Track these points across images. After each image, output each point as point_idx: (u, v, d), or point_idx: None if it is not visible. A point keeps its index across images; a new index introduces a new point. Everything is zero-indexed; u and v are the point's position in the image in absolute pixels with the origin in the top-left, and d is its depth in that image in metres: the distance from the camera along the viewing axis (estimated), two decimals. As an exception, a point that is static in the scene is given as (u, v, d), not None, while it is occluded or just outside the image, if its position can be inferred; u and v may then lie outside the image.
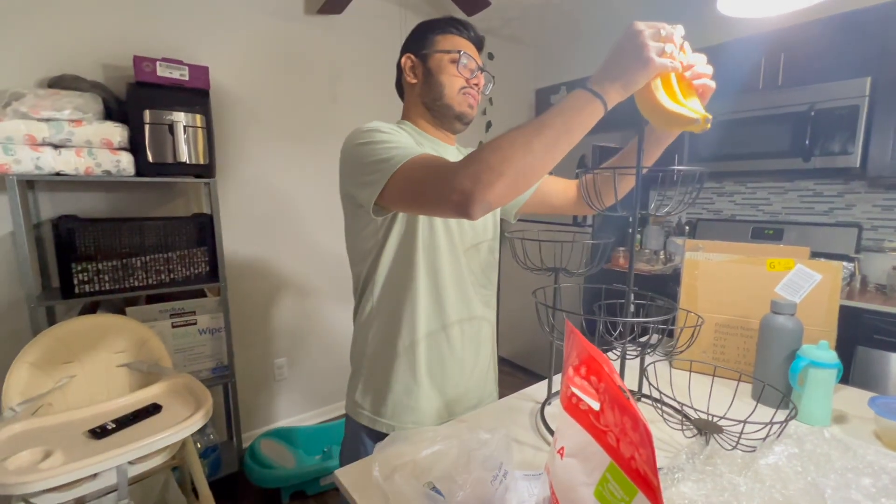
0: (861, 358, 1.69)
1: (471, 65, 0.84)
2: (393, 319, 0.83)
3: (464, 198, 0.57)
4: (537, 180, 0.60)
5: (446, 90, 0.83)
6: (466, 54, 0.83)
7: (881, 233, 2.04)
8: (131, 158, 1.54)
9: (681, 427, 0.66)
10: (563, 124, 0.57)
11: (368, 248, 0.83)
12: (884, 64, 1.77)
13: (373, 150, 0.70)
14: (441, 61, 0.83)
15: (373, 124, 0.75)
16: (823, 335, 0.86)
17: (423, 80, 0.85)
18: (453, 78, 0.83)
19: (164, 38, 1.83)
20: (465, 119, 0.87)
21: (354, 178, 0.73)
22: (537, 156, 0.56)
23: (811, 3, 0.69)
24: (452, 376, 0.87)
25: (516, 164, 0.56)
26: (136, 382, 1.39)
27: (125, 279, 1.56)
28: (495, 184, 0.56)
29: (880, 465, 0.55)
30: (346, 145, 0.76)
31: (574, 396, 0.43)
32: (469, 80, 0.84)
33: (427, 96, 0.85)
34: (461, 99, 0.84)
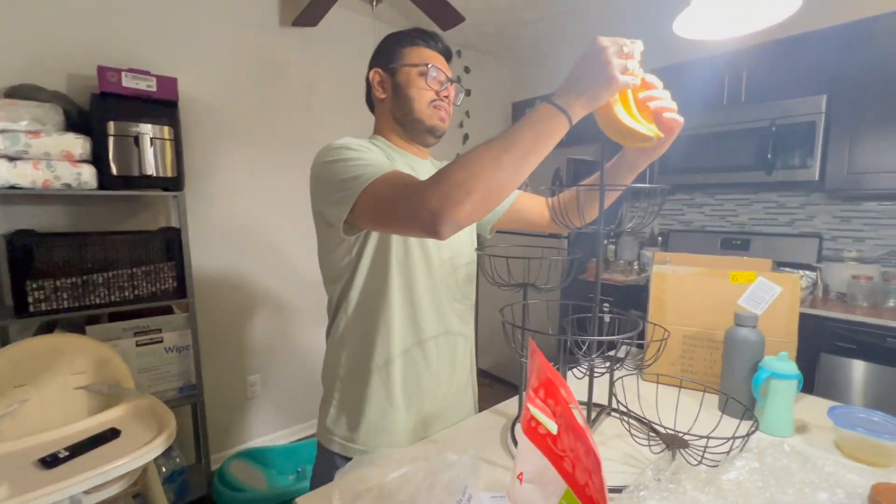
0: (824, 365, 1.75)
1: (440, 77, 0.83)
2: (367, 338, 0.81)
3: (432, 217, 0.56)
4: (506, 196, 0.59)
5: (416, 104, 0.82)
6: (435, 66, 0.82)
7: (840, 243, 2.13)
8: (94, 171, 1.49)
9: (647, 443, 0.66)
10: (531, 139, 0.57)
11: (342, 267, 0.81)
12: (838, 82, 1.86)
13: (342, 167, 0.69)
14: (409, 75, 0.82)
15: (343, 141, 0.74)
16: (784, 346, 0.88)
17: (393, 95, 0.84)
18: (423, 91, 0.82)
19: (132, 48, 1.79)
20: (436, 132, 0.86)
21: (324, 196, 0.72)
22: (506, 172, 0.56)
23: (757, 28, 0.72)
24: (428, 394, 0.85)
25: (485, 181, 0.55)
26: (96, 406, 1.32)
27: (86, 296, 1.50)
28: (464, 202, 0.55)
29: (837, 477, 0.56)
30: (315, 163, 0.74)
31: (533, 419, 0.43)
32: (439, 93, 0.83)
33: (397, 111, 0.84)
34: (431, 112, 0.83)
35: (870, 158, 1.81)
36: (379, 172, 0.65)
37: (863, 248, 2.06)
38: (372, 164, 0.67)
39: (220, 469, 1.82)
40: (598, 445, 0.73)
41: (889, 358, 1.61)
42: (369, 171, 0.66)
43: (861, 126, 1.82)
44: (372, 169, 0.66)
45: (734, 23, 0.73)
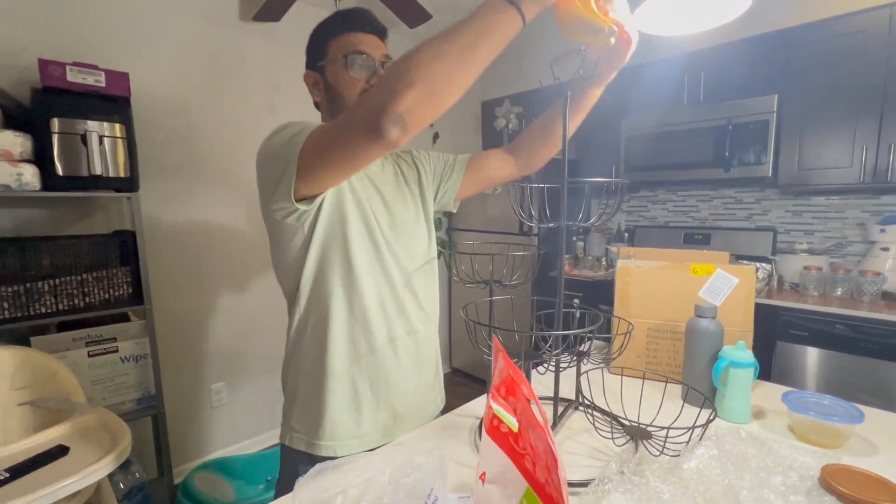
0: (780, 352, 1.83)
1: (367, 62, 0.76)
2: (322, 336, 0.79)
3: (373, 115, 0.52)
4: (456, 92, 0.54)
5: (346, 101, 0.76)
6: (357, 53, 0.75)
7: (793, 236, 2.24)
8: (36, 171, 1.39)
9: (611, 435, 0.66)
10: (476, 31, 0.53)
11: (292, 264, 0.79)
12: (788, 82, 1.95)
13: (279, 137, 0.67)
14: (336, 70, 0.76)
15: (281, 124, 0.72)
16: (742, 335, 0.91)
17: (326, 96, 0.79)
18: (351, 84, 0.76)
19: (78, 40, 1.69)
20: None
21: (270, 174, 0.68)
22: (448, 60, 0.52)
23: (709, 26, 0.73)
24: (395, 391, 0.84)
25: (425, 70, 0.51)
26: (42, 422, 1.23)
27: (29, 306, 1.40)
28: (404, 93, 0.51)
29: (791, 460, 0.58)
30: (257, 156, 0.72)
31: (496, 418, 0.42)
32: (369, 81, 0.76)
33: (335, 112, 0.79)
34: None
35: (817, 155, 1.91)
36: (315, 124, 0.64)
37: (813, 241, 2.18)
38: (308, 124, 0.66)
39: (183, 482, 1.74)
40: (565, 440, 0.74)
41: (838, 344, 1.71)
42: (305, 126, 0.65)
43: (809, 124, 1.92)
44: (307, 125, 0.65)
45: (686, 20, 0.74)
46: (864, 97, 1.78)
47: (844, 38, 1.81)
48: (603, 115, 2.51)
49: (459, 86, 0.54)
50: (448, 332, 3.32)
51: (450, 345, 3.32)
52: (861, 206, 2.05)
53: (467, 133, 3.37)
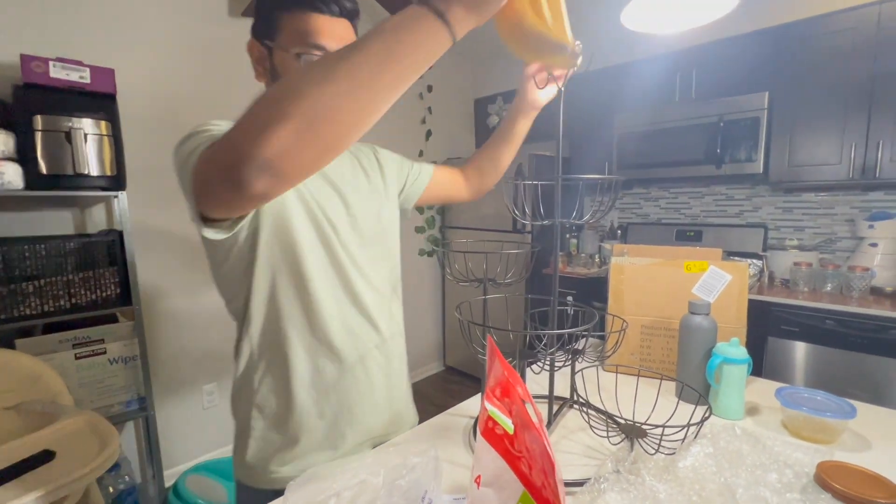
0: (771, 348, 1.85)
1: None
2: (281, 367, 0.70)
3: (231, 161, 0.38)
4: (355, 130, 0.40)
5: None
6: (314, 48, 0.62)
7: (783, 232, 2.26)
8: (19, 170, 1.36)
9: (607, 434, 0.66)
10: (385, 48, 0.38)
11: (232, 283, 0.69)
12: (778, 79, 1.96)
13: (180, 153, 0.53)
14: (285, 59, 0.63)
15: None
16: (735, 332, 0.91)
17: (271, 81, 0.66)
18: None
19: (61, 35, 1.65)
20: None
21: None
22: (342, 86, 0.37)
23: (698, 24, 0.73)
24: (370, 416, 0.76)
25: (308, 99, 0.37)
26: (28, 426, 1.21)
27: (13, 308, 1.37)
28: (275, 130, 0.36)
29: (785, 457, 0.58)
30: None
31: (491, 420, 0.41)
32: None
33: None
34: None
35: (807, 152, 1.93)
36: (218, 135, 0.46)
37: (803, 237, 2.20)
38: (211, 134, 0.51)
39: (174, 485, 1.72)
40: (561, 439, 0.74)
41: (828, 339, 1.72)
42: (201, 142, 0.49)
43: (799, 121, 1.93)
44: (205, 139, 0.49)
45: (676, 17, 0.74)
46: (852, 94, 1.79)
47: (834, 35, 1.82)
48: (595, 112, 2.53)
49: (358, 122, 0.40)
50: (442, 330, 3.31)
51: (444, 343, 3.31)
52: (850, 203, 2.07)
53: (460, 130, 3.36)
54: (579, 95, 2.52)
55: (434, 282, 3.25)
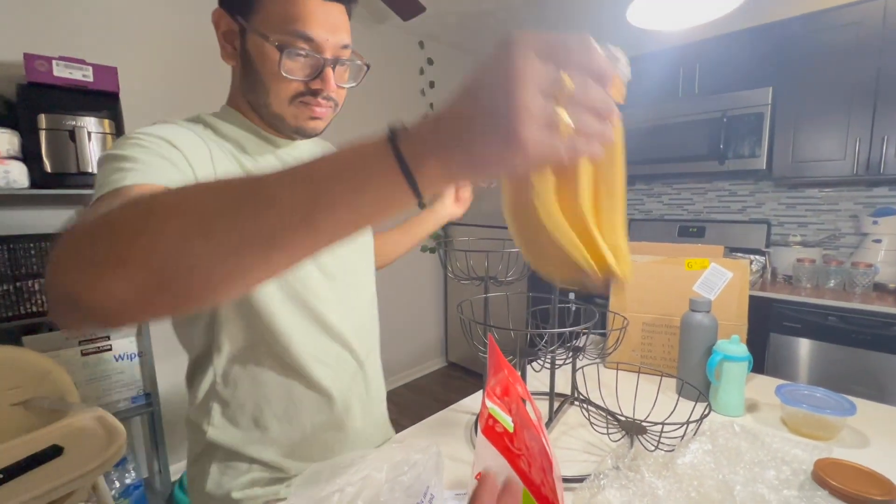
0: (773, 344, 1.85)
1: (308, 60, 0.53)
2: (253, 409, 0.63)
3: (58, 287, 0.29)
4: (217, 291, 0.29)
5: (271, 97, 0.55)
6: (301, 40, 0.52)
7: (786, 228, 2.25)
8: (24, 169, 1.37)
9: (607, 431, 0.67)
10: (306, 195, 0.26)
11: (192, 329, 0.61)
12: (783, 74, 1.95)
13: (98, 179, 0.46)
14: (262, 48, 0.52)
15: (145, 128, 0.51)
16: (736, 329, 0.91)
17: (242, 67, 0.57)
18: (280, 80, 0.53)
19: (64, 34, 1.65)
20: (305, 133, 0.59)
21: None
22: (228, 246, 0.27)
23: (705, 20, 0.73)
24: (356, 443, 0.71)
25: (165, 249, 0.27)
26: (36, 422, 1.23)
27: (20, 305, 1.38)
28: (111, 276, 0.27)
29: (783, 453, 0.58)
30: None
31: (491, 417, 0.41)
32: (308, 84, 0.55)
33: (249, 92, 0.58)
34: (296, 111, 0.56)
35: (811, 147, 1.92)
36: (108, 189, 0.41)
37: (806, 233, 2.19)
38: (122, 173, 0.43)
39: (180, 480, 1.74)
40: (561, 435, 0.74)
41: (831, 335, 1.72)
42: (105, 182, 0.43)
43: (803, 117, 1.92)
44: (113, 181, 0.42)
45: (683, 13, 0.74)
46: (857, 89, 1.78)
47: (839, 30, 1.81)
48: (598, 108, 2.52)
49: (239, 287, 0.29)
50: (444, 326, 3.33)
51: (446, 339, 3.32)
52: (854, 199, 2.06)
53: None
54: (582, 91, 2.51)
55: (436, 278, 3.26)
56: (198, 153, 0.53)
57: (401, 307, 3.00)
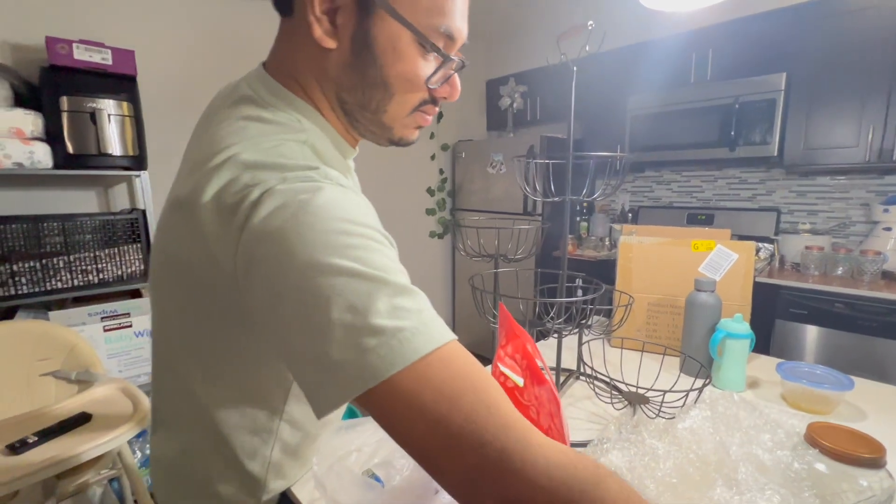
0: (779, 330, 1.86)
1: (450, 66, 0.45)
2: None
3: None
4: None
5: (392, 105, 0.44)
6: (451, 40, 0.43)
7: (796, 216, 2.24)
8: (48, 149, 1.41)
9: (610, 400, 0.70)
10: None
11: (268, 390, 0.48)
12: (797, 60, 1.93)
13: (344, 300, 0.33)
14: (399, 39, 0.41)
15: (348, 219, 0.35)
16: (740, 309, 0.93)
17: (352, 58, 0.42)
18: (413, 87, 0.43)
19: (83, 18, 1.68)
20: (404, 144, 0.50)
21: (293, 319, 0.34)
22: None
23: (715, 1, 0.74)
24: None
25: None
26: (65, 392, 1.29)
27: (46, 281, 1.44)
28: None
29: (780, 421, 0.61)
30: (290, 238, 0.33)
31: (502, 375, 0.45)
32: (435, 92, 0.45)
33: (350, 93, 0.44)
34: (409, 121, 0.47)
35: (824, 135, 1.90)
36: (438, 338, 0.33)
37: (816, 221, 2.18)
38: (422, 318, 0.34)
39: (198, 452, 1.81)
40: (567, 406, 0.78)
41: (837, 322, 1.73)
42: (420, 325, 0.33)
43: (816, 103, 1.90)
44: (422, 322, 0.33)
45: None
46: (872, 76, 1.76)
47: (854, 14, 1.78)
48: (609, 93, 2.51)
49: None
50: (452, 312, 3.37)
51: (454, 325, 3.37)
52: (866, 187, 2.04)
53: (472, 113, 3.35)
54: (593, 76, 2.49)
55: (444, 264, 3.29)
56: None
57: (409, 292, 3.04)
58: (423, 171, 3.06)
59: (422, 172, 3.06)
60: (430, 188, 3.10)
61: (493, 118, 3.32)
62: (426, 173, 3.09)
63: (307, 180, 0.36)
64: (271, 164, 0.36)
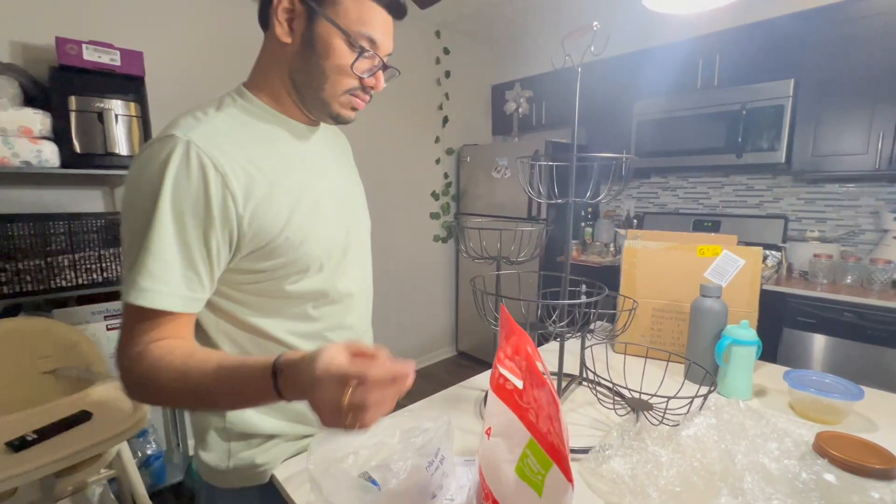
0: (786, 339, 1.83)
1: (373, 60, 0.60)
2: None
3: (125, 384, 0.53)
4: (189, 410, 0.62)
5: (327, 86, 0.59)
6: (373, 43, 0.58)
7: (804, 223, 2.22)
8: (55, 149, 1.42)
9: (613, 406, 0.68)
10: (230, 393, 0.49)
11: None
12: (805, 66, 1.91)
13: (126, 233, 0.53)
14: (331, 37, 0.56)
15: (156, 176, 0.51)
16: (747, 315, 0.92)
17: (301, 49, 0.58)
18: (342, 73, 0.59)
19: (92, 19, 1.70)
20: (342, 121, 0.65)
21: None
22: (193, 406, 0.56)
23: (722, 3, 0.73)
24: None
25: (170, 404, 0.62)
26: (66, 389, 1.29)
27: (51, 279, 1.45)
28: (149, 401, 0.55)
29: (788, 431, 0.59)
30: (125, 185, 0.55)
31: (502, 377, 0.44)
32: (363, 80, 0.61)
33: (298, 73, 0.60)
34: (345, 100, 0.62)
35: (832, 142, 1.88)
36: (134, 297, 0.49)
37: (824, 229, 2.15)
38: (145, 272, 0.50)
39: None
40: (569, 412, 0.76)
41: (846, 331, 1.70)
42: (134, 286, 0.50)
43: (825, 110, 1.88)
44: (137, 286, 0.49)
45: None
46: (882, 82, 1.74)
47: (863, 21, 1.76)
48: (614, 99, 2.50)
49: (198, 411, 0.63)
50: (454, 316, 3.36)
51: (456, 328, 3.36)
52: (875, 194, 2.02)
53: (477, 116, 3.35)
54: (598, 81, 2.49)
55: (447, 268, 3.28)
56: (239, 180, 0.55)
57: (412, 296, 3.03)
58: (427, 174, 3.06)
59: (427, 176, 3.06)
60: (435, 192, 3.10)
61: (499, 123, 3.32)
62: (431, 177, 3.09)
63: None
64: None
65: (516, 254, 0.79)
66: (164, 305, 0.50)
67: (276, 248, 0.58)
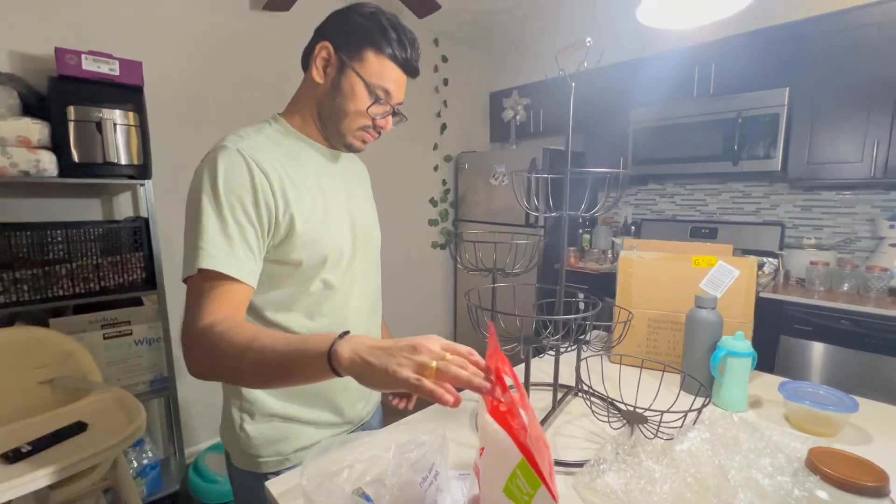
0: (784, 347, 1.84)
1: (384, 108, 0.75)
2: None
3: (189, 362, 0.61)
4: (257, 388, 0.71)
5: (346, 120, 0.74)
6: (385, 97, 0.73)
7: (801, 231, 2.23)
8: (53, 158, 1.43)
9: (608, 419, 0.68)
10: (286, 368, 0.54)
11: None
12: (800, 75, 1.93)
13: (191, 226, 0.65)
14: (356, 86, 0.72)
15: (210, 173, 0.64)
16: (742, 326, 0.92)
17: (329, 89, 0.73)
18: (359, 113, 0.73)
19: (92, 29, 1.71)
20: (353, 150, 0.79)
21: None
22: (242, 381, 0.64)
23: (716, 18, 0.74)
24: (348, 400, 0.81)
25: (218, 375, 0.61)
26: (62, 400, 1.28)
27: (48, 288, 1.44)
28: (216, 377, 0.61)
29: (781, 444, 0.60)
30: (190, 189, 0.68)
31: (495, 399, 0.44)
32: (376, 121, 0.75)
33: (325, 107, 0.74)
34: (358, 135, 0.76)
35: (828, 149, 1.90)
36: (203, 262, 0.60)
37: (821, 236, 2.16)
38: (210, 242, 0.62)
39: (194, 462, 1.79)
40: (564, 424, 0.76)
41: (843, 339, 1.71)
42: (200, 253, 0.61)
43: (820, 118, 1.90)
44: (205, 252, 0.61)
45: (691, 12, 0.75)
46: (877, 91, 1.75)
47: (859, 30, 1.78)
48: (611, 107, 2.52)
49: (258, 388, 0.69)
50: (453, 322, 3.35)
51: (455, 334, 3.35)
52: (871, 202, 2.03)
53: (475, 124, 3.36)
54: (595, 89, 2.50)
55: (446, 274, 3.28)
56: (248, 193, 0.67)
57: (411, 301, 3.03)
58: (426, 181, 3.07)
59: (425, 183, 3.07)
60: (433, 199, 3.11)
61: (497, 130, 3.33)
62: (429, 184, 3.10)
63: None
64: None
65: (511, 266, 0.79)
66: (229, 270, 0.61)
67: (298, 240, 0.69)
